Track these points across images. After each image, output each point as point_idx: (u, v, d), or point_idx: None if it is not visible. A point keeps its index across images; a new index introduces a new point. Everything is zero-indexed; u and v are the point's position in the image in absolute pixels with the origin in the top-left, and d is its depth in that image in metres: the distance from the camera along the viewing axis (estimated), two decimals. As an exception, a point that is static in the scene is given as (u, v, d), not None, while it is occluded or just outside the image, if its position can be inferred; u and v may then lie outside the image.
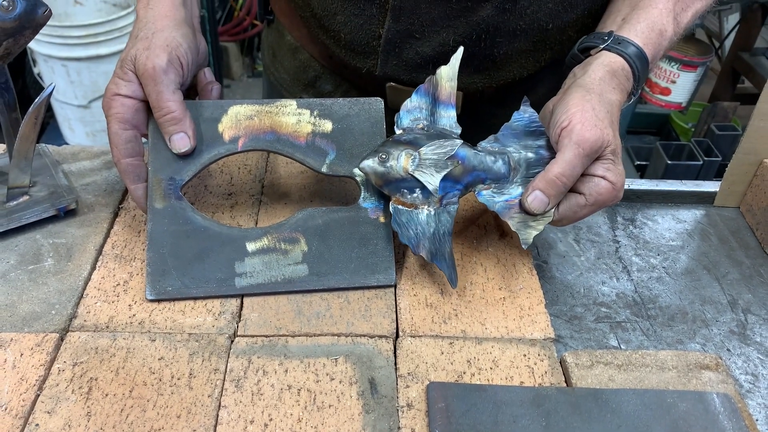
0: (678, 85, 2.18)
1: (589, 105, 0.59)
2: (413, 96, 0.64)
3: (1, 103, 0.62)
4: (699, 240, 0.78)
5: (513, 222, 0.60)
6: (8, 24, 0.54)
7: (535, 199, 0.58)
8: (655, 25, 0.65)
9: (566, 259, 0.74)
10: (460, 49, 0.64)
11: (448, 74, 0.63)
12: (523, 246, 0.59)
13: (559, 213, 0.59)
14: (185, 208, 0.62)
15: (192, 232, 0.61)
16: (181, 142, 0.61)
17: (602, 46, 0.64)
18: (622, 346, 0.64)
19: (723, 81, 2.59)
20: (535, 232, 0.59)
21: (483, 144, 0.64)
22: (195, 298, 0.58)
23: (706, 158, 2.12)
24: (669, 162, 2.12)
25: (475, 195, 0.62)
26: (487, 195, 0.61)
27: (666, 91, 2.22)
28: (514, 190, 0.61)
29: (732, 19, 2.66)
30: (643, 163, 2.32)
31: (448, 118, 0.63)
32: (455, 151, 0.61)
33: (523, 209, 0.59)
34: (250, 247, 0.61)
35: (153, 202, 0.61)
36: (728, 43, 2.60)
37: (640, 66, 0.64)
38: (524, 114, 0.65)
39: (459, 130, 0.63)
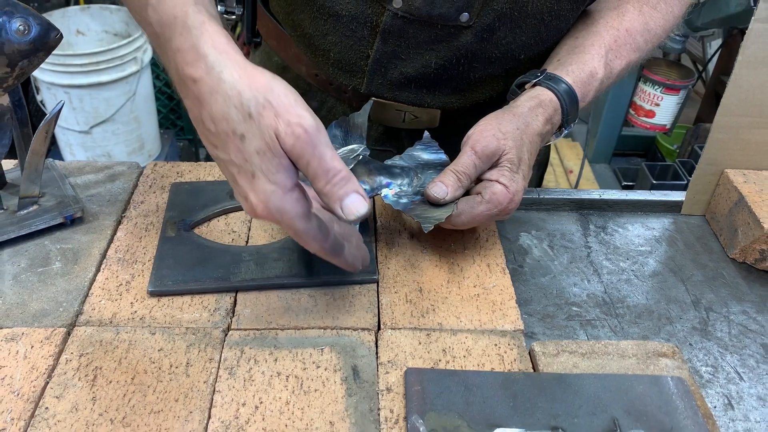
0: (662, 108, 2.25)
1: (495, 121, 0.67)
2: (329, 128, 0.70)
3: (15, 119, 0.67)
4: (666, 246, 0.83)
5: (416, 215, 0.66)
6: (24, 46, 0.60)
7: (435, 185, 0.65)
8: (586, 67, 0.73)
9: (540, 264, 0.79)
10: (370, 101, 0.72)
11: (362, 119, 0.71)
12: (424, 230, 0.64)
13: (458, 207, 0.66)
14: (192, 235, 0.70)
15: (195, 249, 0.68)
16: (358, 205, 0.52)
17: (534, 81, 0.72)
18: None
19: (707, 104, 2.67)
20: (435, 222, 0.64)
21: (388, 161, 0.73)
22: (192, 293, 0.63)
23: (690, 178, 2.18)
24: (654, 182, 2.18)
25: (381, 198, 0.69)
26: (392, 197, 0.68)
27: (650, 114, 2.28)
28: (417, 197, 0.68)
29: (715, 45, 2.75)
30: (630, 183, 2.38)
31: (361, 146, 0.71)
32: (359, 153, 0.68)
33: (427, 198, 0.66)
34: (246, 257, 0.67)
35: (165, 233, 0.70)
36: (712, 67, 2.68)
37: (568, 101, 0.71)
38: (424, 141, 0.75)
39: (362, 146, 0.70)
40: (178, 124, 2.81)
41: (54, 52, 2.01)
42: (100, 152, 2.18)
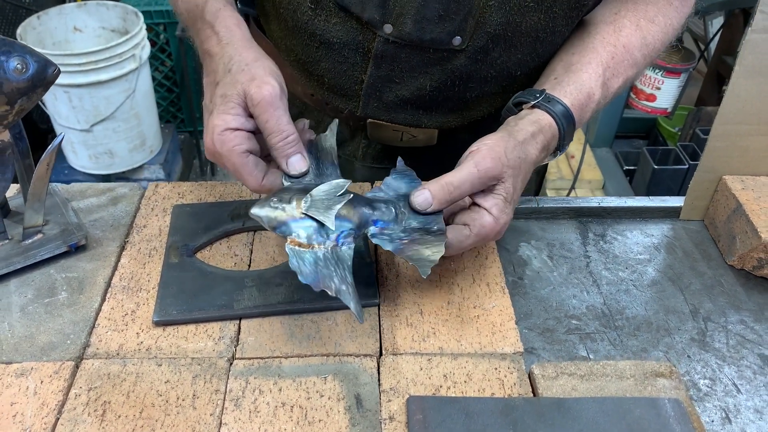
0: (663, 92, 2.24)
1: (503, 144, 0.64)
2: None
3: (16, 151, 0.67)
4: (665, 253, 0.83)
5: (410, 258, 0.62)
6: (22, 84, 0.60)
7: (421, 195, 0.62)
8: (584, 88, 0.71)
9: (540, 275, 0.79)
10: (335, 121, 0.71)
11: (330, 142, 0.69)
12: (422, 275, 0.60)
13: (447, 239, 0.62)
14: (194, 261, 0.71)
15: (198, 276, 0.69)
16: (300, 164, 0.64)
17: (533, 102, 0.70)
18: (590, 356, 0.69)
19: (708, 84, 2.65)
20: (430, 264, 0.61)
21: (369, 194, 0.68)
22: (197, 321, 0.64)
23: (692, 162, 2.18)
24: (656, 167, 2.17)
25: (369, 238, 0.64)
26: (379, 237, 0.63)
27: (651, 98, 2.27)
28: (404, 234, 0.64)
29: (717, 23, 2.72)
30: (632, 167, 2.37)
31: (335, 174, 0.68)
32: (345, 189, 0.63)
33: (411, 206, 0.63)
34: (249, 282, 0.68)
35: (168, 259, 0.70)
36: (714, 46, 2.66)
37: (565, 124, 0.70)
38: (399, 170, 0.70)
39: (347, 182, 0.65)
40: (179, 116, 2.81)
41: (52, 52, 2.00)
42: (101, 150, 2.18)
